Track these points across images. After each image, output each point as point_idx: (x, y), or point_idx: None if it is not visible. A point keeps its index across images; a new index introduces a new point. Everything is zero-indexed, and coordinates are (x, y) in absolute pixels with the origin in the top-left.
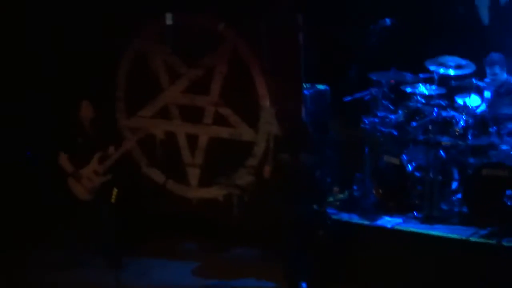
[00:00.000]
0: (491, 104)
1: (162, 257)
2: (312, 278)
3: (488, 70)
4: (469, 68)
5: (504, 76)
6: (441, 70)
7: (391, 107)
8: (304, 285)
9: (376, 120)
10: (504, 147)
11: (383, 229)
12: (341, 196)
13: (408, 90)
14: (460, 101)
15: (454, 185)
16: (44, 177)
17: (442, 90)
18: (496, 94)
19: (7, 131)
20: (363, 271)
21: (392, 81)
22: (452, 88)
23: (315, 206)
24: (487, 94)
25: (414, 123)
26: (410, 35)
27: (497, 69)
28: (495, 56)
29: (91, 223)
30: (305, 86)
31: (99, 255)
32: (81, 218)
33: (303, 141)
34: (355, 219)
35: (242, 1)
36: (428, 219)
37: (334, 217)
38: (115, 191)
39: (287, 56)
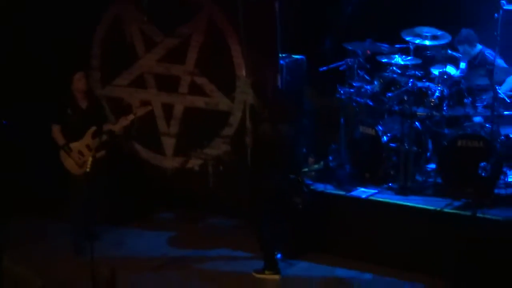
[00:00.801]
0: (467, 75)
1: (137, 227)
2: (287, 248)
3: (459, 48)
4: (445, 38)
5: (477, 49)
6: (417, 41)
7: (367, 77)
8: (279, 255)
9: (352, 90)
10: (478, 118)
11: (358, 199)
12: (316, 166)
13: (384, 60)
14: (435, 71)
15: (429, 156)
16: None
17: (418, 61)
18: (471, 66)
19: None
20: (338, 241)
21: (368, 52)
22: (428, 58)
23: (291, 175)
24: (462, 65)
25: (389, 94)
26: (386, 5)
27: (466, 47)
28: (464, 33)
29: (76, 195)
30: (281, 56)
31: (76, 225)
32: (68, 190)
33: (279, 111)
34: (330, 189)
35: None
36: (403, 190)
37: (310, 187)
38: (90, 159)
39: (264, 25)
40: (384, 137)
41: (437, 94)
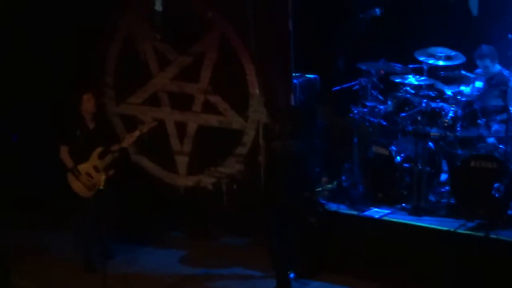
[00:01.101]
0: (481, 94)
1: (150, 245)
2: (300, 267)
3: (479, 63)
4: (459, 59)
5: (496, 68)
6: (431, 61)
7: (380, 97)
8: (292, 274)
9: (365, 110)
10: (492, 139)
11: (371, 219)
12: (329, 186)
13: (398, 80)
14: (449, 92)
15: (443, 176)
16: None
17: (431, 81)
18: (488, 85)
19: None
20: (351, 261)
21: (382, 72)
22: (442, 78)
23: (306, 194)
24: (478, 84)
25: (403, 114)
26: (400, 25)
27: (487, 62)
28: (485, 48)
29: (84, 217)
30: (294, 75)
31: (86, 244)
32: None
33: (291, 129)
34: (344, 209)
35: None
36: (416, 211)
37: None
38: (103, 177)
39: (277, 44)
40: (398, 157)
41: (450, 114)
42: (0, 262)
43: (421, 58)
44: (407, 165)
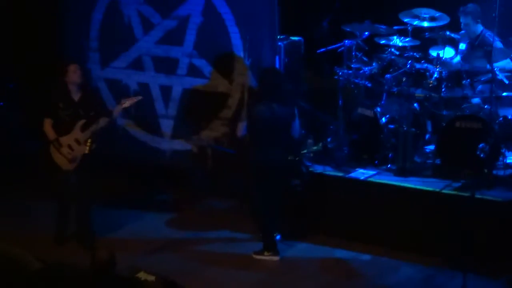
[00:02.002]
0: (466, 56)
1: (137, 209)
2: (286, 230)
3: (462, 20)
4: (443, 20)
5: (478, 28)
6: (415, 22)
7: (365, 59)
8: (278, 236)
9: (350, 72)
10: (477, 99)
11: (356, 181)
12: (315, 148)
13: (382, 42)
14: (434, 53)
15: (428, 137)
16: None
17: (416, 42)
18: (471, 46)
19: None
20: (337, 223)
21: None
22: (426, 40)
23: (291, 156)
24: (462, 46)
25: (388, 75)
26: None
27: (469, 20)
28: (471, 6)
29: (64, 190)
30: (279, 38)
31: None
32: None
33: (276, 91)
34: (329, 171)
35: None
36: (401, 172)
37: (309, 169)
38: (89, 142)
39: (261, 6)
40: (383, 118)
41: (435, 75)
42: None
43: (406, 20)
44: (392, 126)
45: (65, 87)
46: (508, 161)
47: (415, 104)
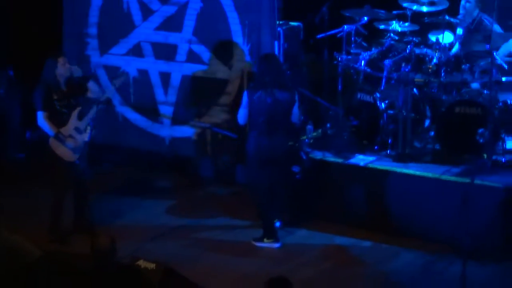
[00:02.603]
0: (464, 41)
1: (136, 197)
2: (286, 216)
3: (465, 4)
4: (442, 4)
5: (475, 12)
6: (414, 7)
7: (364, 44)
8: (278, 223)
9: (349, 57)
10: (476, 84)
11: (356, 167)
12: (314, 134)
13: (382, 27)
14: (433, 38)
15: (427, 122)
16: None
17: (415, 27)
18: (468, 31)
19: None
20: (337, 209)
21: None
22: (425, 25)
23: (290, 142)
24: (459, 31)
25: (387, 60)
26: None
27: (472, 5)
28: None
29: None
30: (278, 23)
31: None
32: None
33: (277, 78)
34: (329, 157)
35: None
36: (401, 157)
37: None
38: (88, 128)
39: None
40: (382, 104)
41: (434, 60)
42: None
43: (405, 4)
44: (391, 111)
45: (55, 79)
46: (507, 146)
47: (414, 89)
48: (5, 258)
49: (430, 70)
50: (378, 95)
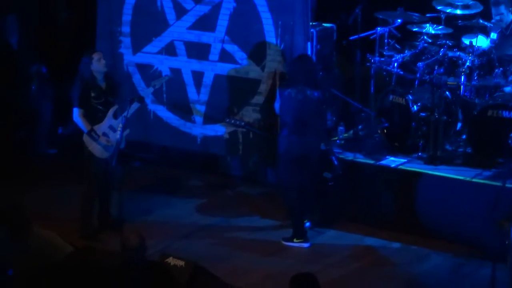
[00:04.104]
0: (498, 45)
1: (167, 195)
2: (316, 217)
3: (493, 11)
4: (476, 8)
5: (510, 17)
6: (448, 10)
7: (398, 46)
8: (308, 223)
9: (382, 59)
10: (509, 88)
11: (387, 168)
12: (346, 135)
13: (415, 29)
14: (466, 41)
15: (459, 126)
16: None
17: (449, 30)
18: (502, 35)
19: None
20: (367, 210)
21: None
22: (459, 28)
23: (321, 145)
24: (493, 35)
25: (420, 63)
26: None
27: (502, 9)
28: None
29: (96, 179)
30: (311, 24)
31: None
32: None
33: (309, 78)
34: (360, 158)
35: None
36: (432, 160)
37: (339, 156)
38: (120, 127)
39: None
40: (414, 106)
41: (467, 63)
42: (19, 212)
43: (439, 7)
44: (423, 114)
45: (92, 76)
46: None
47: (447, 92)
48: (36, 254)
49: (463, 73)
50: (410, 97)
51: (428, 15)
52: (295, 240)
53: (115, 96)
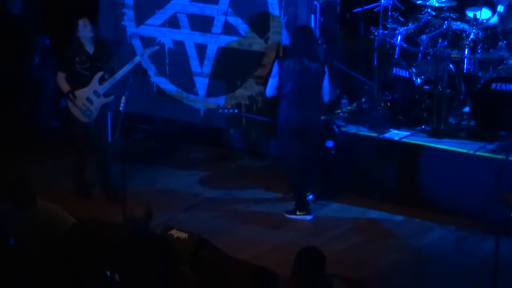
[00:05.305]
0: (504, 17)
1: (169, 167)
2: (319, 189)
3: None
4: None
5: None
6: None
7: (401, 19)
8: (311, 196)
9: (386, 32)
10: None
11: (390, 141)
12: (349, 108)
13: (419, 2)
14: (470, 14)
15: (462, 99)
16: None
17: (453, 3)
18: (509, 8)
19: None
20: (370, 183)
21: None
22: (463, 0)
23: (323, 116)
24: (500, 8)
25: (424, 36)
26: None
27: None
28: None
29: (82, 142)
30: None
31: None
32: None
33: (309, 49)
34: (363, 131)
35: None
36: (436, 133)
37: (342, 129)
38: (123, 97)
39: None
40: (418, 79)
41: (471, 36)
42: (23, 184)
43: None
44: (427, 87)
45: (79, 41)
46: None
47: (450, 65)
48: (40, 226)
49: (466, 46)
50: (414, 70)
51: None
52: (297, 212)
53: (104, 62)
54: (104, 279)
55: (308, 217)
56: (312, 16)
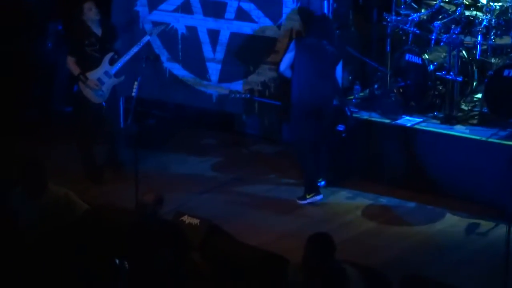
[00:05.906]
0: None
1: (182, 153)
2: (331, 176)
3: None
4: None
5: None
6: None
7: (414, 5)
8: (323, 182)
9: (399, 18)
10: None
11: (403, 128)
12: (361, 94)
13: None
14: (483, 0)
15: (475, 85)
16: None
17: None
18: None
19: None
20: (382, 170)
21: None
22: None
23: (335, 101)
24: None
25: (437, 22)
26: None
27: None
28: None
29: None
30: None
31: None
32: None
33: (324, 33)
34: (375, 117)
35: None
36: (448, 119)
37: (354, 115)
38: (136, 83)
39: None
40: (431, 65)
41: (484, 23)
42: (35, 170)
43: None
44: (440, 73)
45: (86, 24)
46: None
47: (463, 52)
48: (53, 212)
49: (479, 33)
50: (426, 56)
51: None
52: (307, 196)
53: (113, 43)
54: (113, 267)
55: (318, 197)
56: (325, 1)
